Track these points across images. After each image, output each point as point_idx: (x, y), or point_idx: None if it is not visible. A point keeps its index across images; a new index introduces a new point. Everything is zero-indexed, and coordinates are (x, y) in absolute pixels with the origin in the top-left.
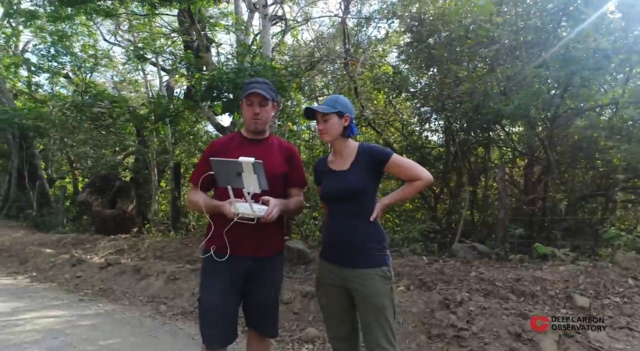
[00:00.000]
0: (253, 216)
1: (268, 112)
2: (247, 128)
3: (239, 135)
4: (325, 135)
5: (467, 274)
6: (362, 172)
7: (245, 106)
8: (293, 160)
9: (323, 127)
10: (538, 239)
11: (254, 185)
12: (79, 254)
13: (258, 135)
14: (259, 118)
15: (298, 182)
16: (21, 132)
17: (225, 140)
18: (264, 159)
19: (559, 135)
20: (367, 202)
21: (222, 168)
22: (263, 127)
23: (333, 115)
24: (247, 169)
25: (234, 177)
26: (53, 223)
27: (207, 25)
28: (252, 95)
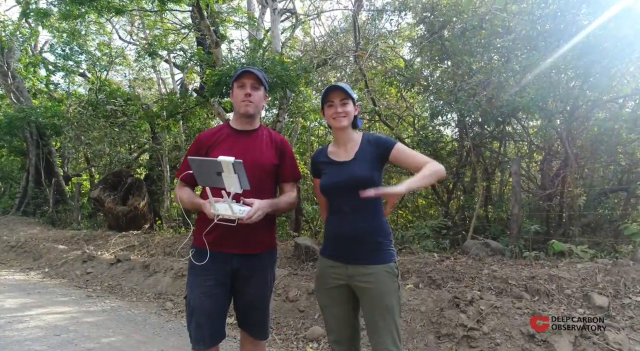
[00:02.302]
0: (233, 217)
1: (260, 97)
2: (237, 111)
3: (227, 126)
4: (344, 118)
5: (479, 272)
6: (368, 162)
7: (236, 89)
8: (285, 153)
9: (342, 110)
10: (555, 236)
11: (234, 185)
12: (90, 250)
13: (247, 125)
14: (251, 100)
15: (291, 176)
16: (38, 130)
17: (213, 132)
18: (253, 152)
19: (578, 128)
20: None
21: (201, 167)
22: (254, 111)
23: (350, 101)
24: (227, 169)
25: (214, 177)
26: (69, 219)
27: (218, 21)
28: (244, 76)
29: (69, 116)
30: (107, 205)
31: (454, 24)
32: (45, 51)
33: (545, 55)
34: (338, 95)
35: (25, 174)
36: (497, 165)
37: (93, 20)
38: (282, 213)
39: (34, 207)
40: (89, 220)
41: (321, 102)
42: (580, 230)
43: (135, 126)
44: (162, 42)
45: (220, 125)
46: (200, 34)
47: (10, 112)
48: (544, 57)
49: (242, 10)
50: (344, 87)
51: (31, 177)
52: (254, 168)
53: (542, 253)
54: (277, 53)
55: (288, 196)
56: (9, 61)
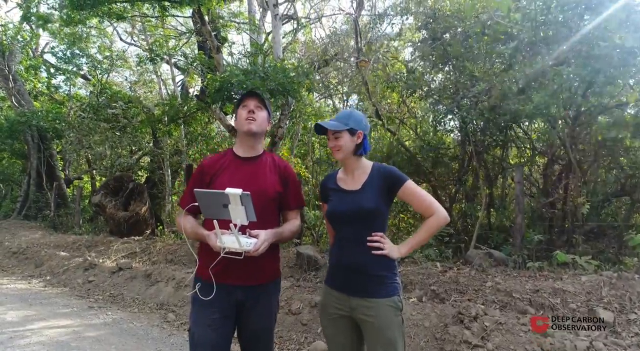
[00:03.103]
0: (240, 250)
1: (263, 118)
2: (241, 130)
3: (230, 152)
4: (338, 152)
5: (483, 284)
6: (375, 193)
7: (239, 110)
8: (289, 180)
9: (334, 144)
10: (558, 243)
11: (241, 216)
12: (92, 258)
13: (251, 149)
14: (254, 118)
15: (295, 204)
16: (39, 133)
17: (215, 159)
18: (257, 179)
19: (581, 133)
20: (378, 225)
21: (207, 199)
22: (257, 129)
23: (345, 133)
24: (234, 201)
25: (220, 209)
26: (70, 223)
27: (219, 25)
28: (247, 98)
29: (70, 119)
30: (109, 210)
31: (456, 30)
32: (46, 52)
33: (548, 61)
34: (330, 131)
35: (26, 178)
36: (499, 172)
37: (94, 26)
38: (286, 241)
39: (35, 210)
40: (90, 223)
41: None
42: (583, 238)
43: (137, 129)
44: (163, 47)
45: (224, 152)
46: (201, 39)
47: (11, 114)
48: (546, 64)
49: (243, 14)
50: (331, 123)
51: (32, 181)
52: (258, 195)
53: (546, 263)
54: (279, 59)
55: (292, 224)
56: (10, 64)
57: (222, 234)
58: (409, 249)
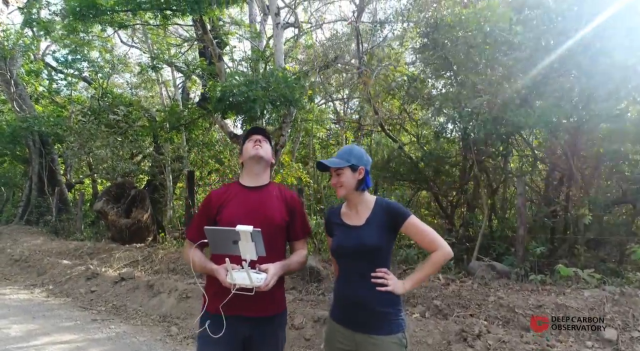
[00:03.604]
0: (251, 286)
1: (268, 149)
2: (248, 157)
3: (237, 184)
4: (340, 189)
5: (486, 298)
6: (378, 230)
7: (246, 144)
8: (295, 209)
9: (336, 181)
10: (560, 251)
11: (250, 252)
12: (94, 266)
13: (257, 178)
14: (261, 146)
15: (302, 233)
16: (41, 138)
17: (222, 191)
18: (264, 209)
19: (582, 138)
20: (382, 261)
21: (217, 236)
22: (264, 154)
23: (346, 169)
24: (244, 237)
25: (230, 245)
26: (72, 229)
27: (220, 33)
28: (253, 133)
29: (72, 125)
30: (111, 218)
31: (458, 40)
32: (47, 53)
33: (550, 73)
34: (332, 168)
35: (28, 182)
36: (501, 181)
37: (96, 34)
38: (293, 273)
39: (37, 215)
40: (91, 228)
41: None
42: (585, 248)
43: (138, 134)
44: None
45: (230, 183)
46: (203, 46)
47: (12, 118)
48: (548, 75)
49: (245, 24)
50: (330, 164)
51: (34, 185)
52: (265, 225)
53: (548, 275)
54: (280, 67)
55: (299, 255)
56: (11, 69)
57: (232, 269)
58: (413, 284)
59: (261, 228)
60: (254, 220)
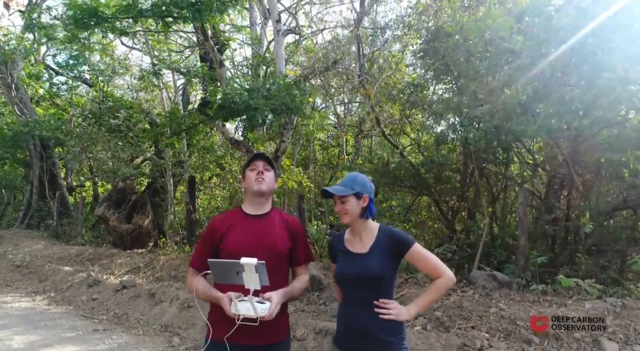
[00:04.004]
0: (255, 316)
1: (271, 178)
2: (250, 191)
3: (239, 211)
4: (345, 216)
5: (487, 309)
6: (382, 257)
7: (248, 172)
8: (297, 236)
9: (341, 208)
10: (561, 258)
11: (254, 283)
12: (95, 273)
13: (260, 207)
14: (263, 178)
15: (304, 259)
16: (42, 141)
17: (225, 218)
18: (267, 236)
19: (583, 145)
20: (385, 289)
21: (221, 268)
22: (267, 188)
23: (351, 197)
24: (248, 269)
25: (234, 276)
26: (72, 233)
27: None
28: (255, 160)
29: (72, 129)
30: (112, 223)
31: (458, 48)
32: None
33: (551, 81)
34: (336, 196)
35: (29, 186)
36: (502, 188)
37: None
38: (296, 299)
39: (38, 219)
40: (92, 231)
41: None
42: (586, 256)
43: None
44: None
45: (233, 210)
46: (204, 51)
47: (12, 121)
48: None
49: (247, 31)
50: (335, 192)
51: (35, 189)
52: (268, 253)
53: (549, 285)
54: (281, 74)
55: (301, 281)
56: (12, 73)
57: (236, 298)
58: (418, 310)
59: (265, 257)
60: (258, 248)
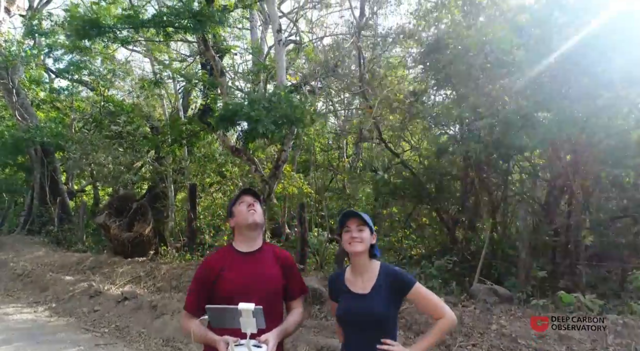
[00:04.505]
0: None
1: (261, 211)
2: (244, 224)
3: (231, 249)
4: (359, 244)
5: (488, 326)
6: (385, 298)
7: (237, 207)
8: (291, 270)
9: (358, 235)
10: (562, 268)
11: (251, 326)
12: (96, 283)
13: (252, 242)
14: (255, 209)
15: (298, 293)
16: (43, 147)
17: (218, 257)
18: (262, 275)
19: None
20: (388, 328)
21: (218, 314)
22: (260, 219)
23: (367, 228)
24: (246, 314)
25: (231, 321)
26: (74, 239)
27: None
28: (243, 195)
29: (73, 135)
30: (113, 231)
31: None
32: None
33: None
34: (355, 221)
35: (30, 192)
36: (503, 199)
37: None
38: (291, 335)
39: (39, 225)
40: (92, 236)
41: (339, 226)
42: (587, 264)
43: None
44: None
45: (225, 249)
46: (205, 59)
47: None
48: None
49: (248, 41)
50: (361, 214)
51: (36, 195)
52: (264, 292)
53: (550, 299)
54: (282, 85)
55: (296, 315)
56: (13, 78)
57: (233, 342)
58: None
59: (261, 296)
60: (254, 289)
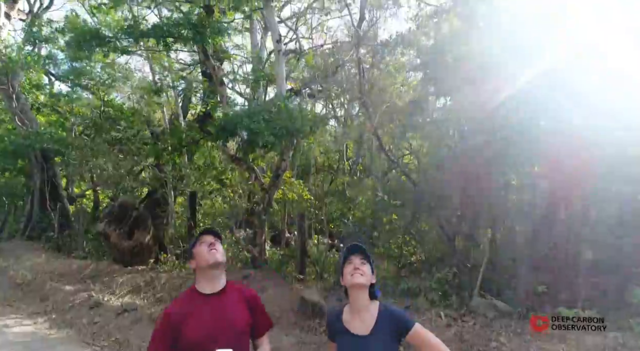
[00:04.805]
0: None
1: (222, 250)
2: (206, 264)
3: (194, 292)
4: (361, 277)
5: (488, 343)
6: (384, 340)
7: (197, 248)
8: (257, 308)
9: (360, 267)
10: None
11: None
12: (96, 293)
13: (215, 282)
14: (216, 248)
15: (264, 330)
16: (43, 153)
17: (179, 305)
18: (228, 318)
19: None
20: None
21: None
22: (222, 258)
23: (368, 264)
24: None
25: None
26: (74, 245)
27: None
28: (203, 236)
29: (73, 141)
30: (113, 240)
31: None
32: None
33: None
34: (358, 255)
35: (29, 197)
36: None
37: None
38: None
39: (39, 231)
40: (93, 242)
41: (341, 261)
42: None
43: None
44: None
45: (188, 293)
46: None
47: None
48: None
49: (249, 52)
50: (365, 250)
51: (36, 200)
52: (231, 333)
53: (549, 314)
54: (282, 96)
55: None
56: (13, 83)
57: None
58: None
59: (228, 339)
60: (220, 332)
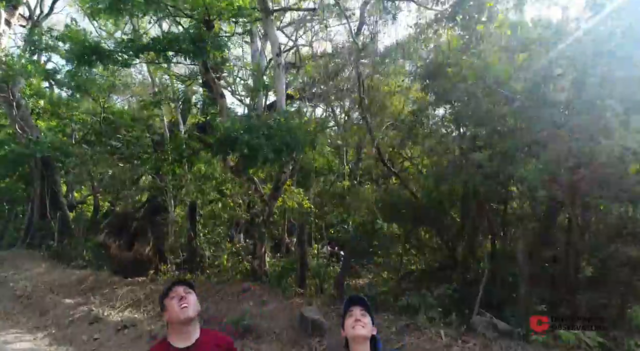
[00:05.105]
0: None
1: (194, 300)
2: (177, 321)
3: (167, 345)
4: (362, 328)
5: None
6: None
7: (169, 301)
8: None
9: (360, 319)
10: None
11: None
12: (96, 307)
13: (188, 335)
14: (187, 303)
15: None
16: (43, 160)
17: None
18: None
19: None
20: None
21: None
22: (194, 313)
23: (368, 316)
24: None
25: None
26: (73, 253)
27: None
28: (174, 287)
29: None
30: (113, 251)
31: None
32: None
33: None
34: (358, 307)
35: (29, 205)
36: (502, 225)
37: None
38: None
39: (39, 239)
40: (93, 251)
41: (343, 312)
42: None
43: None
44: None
45: (160, 346)
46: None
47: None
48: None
49: (248, 64)
50: (366, 302)
51: (36, 208)
52: None
53: (550, 334)
54: (283, 110)
55: None
56: (14, 91)
57: None
58: None
59: None
60: None
